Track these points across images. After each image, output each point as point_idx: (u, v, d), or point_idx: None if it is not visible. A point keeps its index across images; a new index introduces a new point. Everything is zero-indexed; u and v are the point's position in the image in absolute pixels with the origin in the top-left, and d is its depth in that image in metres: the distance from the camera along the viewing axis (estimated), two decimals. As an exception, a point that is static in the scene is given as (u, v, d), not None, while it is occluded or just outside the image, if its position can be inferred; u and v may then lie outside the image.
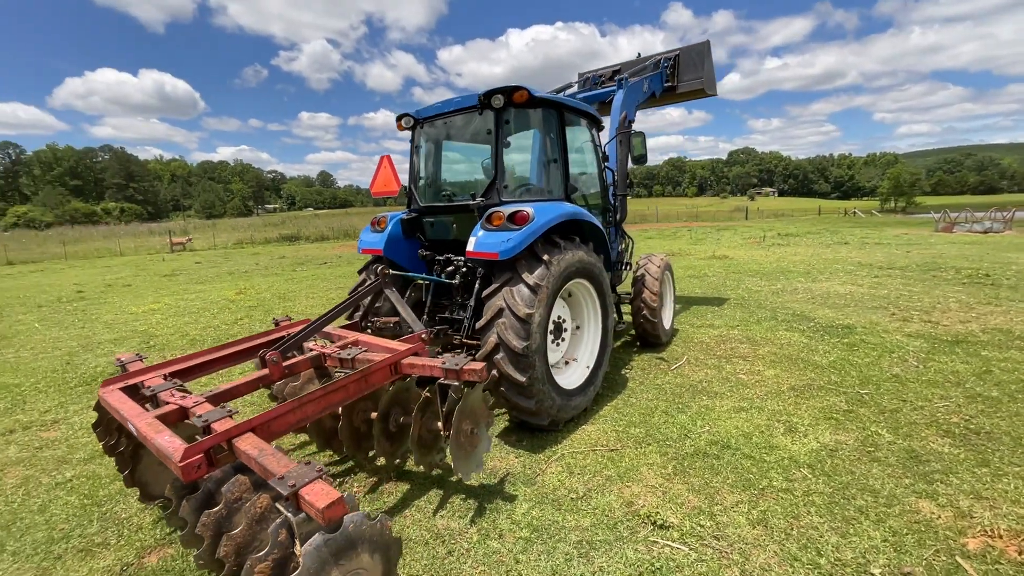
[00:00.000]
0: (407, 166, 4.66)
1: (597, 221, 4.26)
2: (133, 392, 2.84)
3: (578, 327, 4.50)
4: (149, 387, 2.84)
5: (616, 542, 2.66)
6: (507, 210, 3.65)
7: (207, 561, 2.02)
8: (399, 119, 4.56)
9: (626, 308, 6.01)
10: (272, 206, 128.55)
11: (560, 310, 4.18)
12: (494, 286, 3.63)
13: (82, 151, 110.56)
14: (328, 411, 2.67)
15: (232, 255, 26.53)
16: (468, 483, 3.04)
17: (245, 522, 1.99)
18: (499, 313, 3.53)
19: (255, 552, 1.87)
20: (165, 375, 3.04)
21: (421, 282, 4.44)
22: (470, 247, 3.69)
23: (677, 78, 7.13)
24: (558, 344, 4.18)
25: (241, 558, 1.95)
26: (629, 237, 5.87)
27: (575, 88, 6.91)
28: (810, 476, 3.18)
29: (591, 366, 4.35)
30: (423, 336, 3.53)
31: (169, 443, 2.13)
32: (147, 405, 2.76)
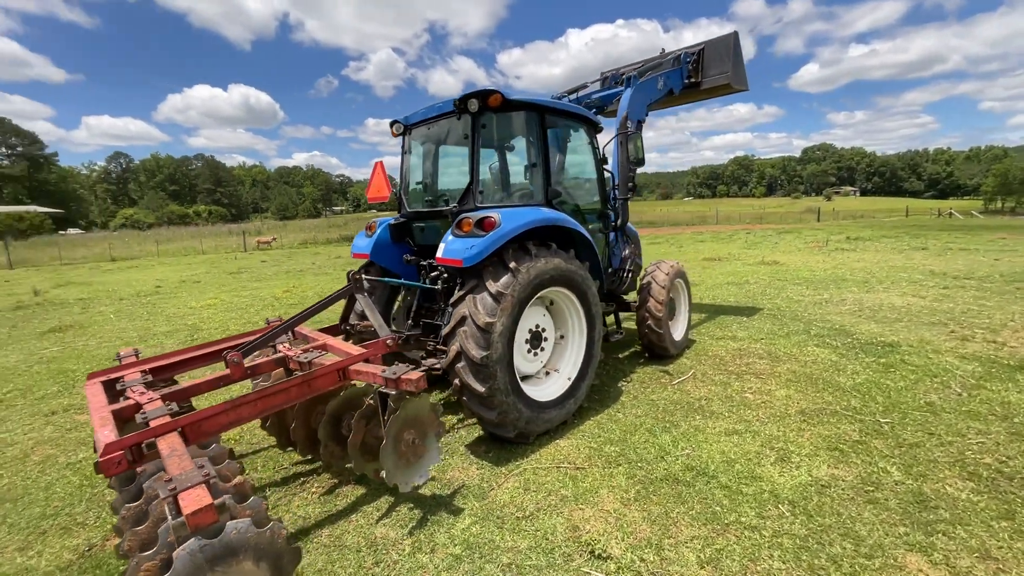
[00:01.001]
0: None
1: (579, 226, 4.09)
2: (111, 385, 3.08)
3: (562, 337, 4.34)
4: (124, 382, 3.06)
5: (546, 569, 2.52)
6: (476, 216, 3.59)
7: (124, 553, 2.14)
8: (392, 125, 4.63)
9: (630, 316, 5.74)
10: (339, 208, 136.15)
11: (538, 319, 4.05)
12: (459, 293, 3.59)
13: (179, 159, 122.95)
14: (266, 413, 2.74)
15: (295, 254, 28.35)
16: (405, 492, 2.99)
17: (150, 520, 2.08)
18: (461, 321, 3.48)
19: (148, 550, 1.95)
20: (143, 371, 3.27)
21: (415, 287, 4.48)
22: (439, 253, 3.67)
23: (701, 73, 6.71)
24: (535, 354, 4.06)
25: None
26: (634, 242, 5.58)
27: (589, 88, 6.68)
28: (787, 514, 2.85)
29: (572, 378, 4.18)
30: (388, 342, 3.56)
31: (103, 437, 2.28)
32: (120, 399, 2.98)
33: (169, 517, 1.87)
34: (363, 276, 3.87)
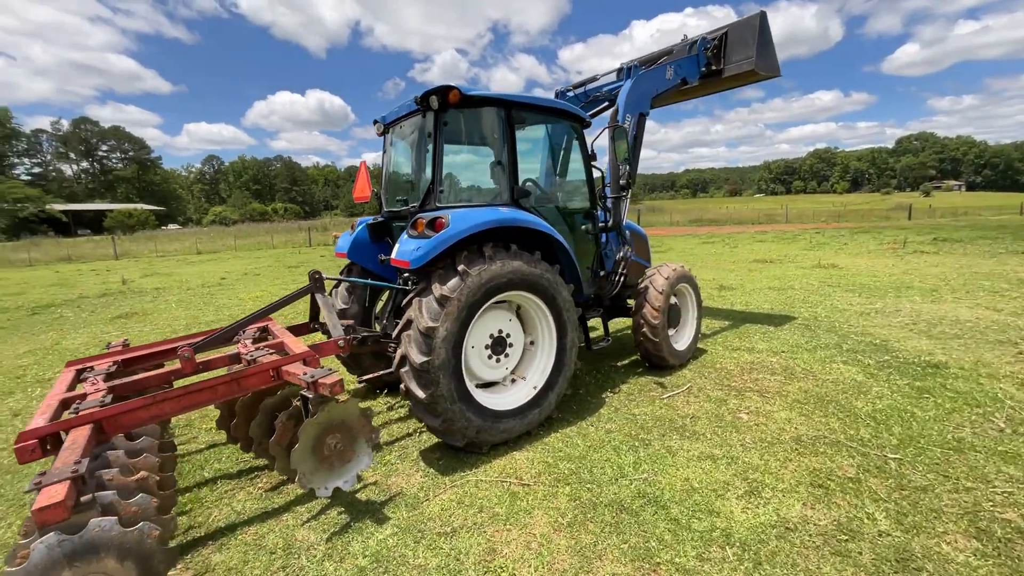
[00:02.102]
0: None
1: (547, 227, 3.86)
2: (81, 373, 3.32)
3: (532, 343, 4.14)
4: (91, 372, 3.28)
5: (444, 592, 2.38)
6: (429, 216, 3.50)
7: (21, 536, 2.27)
8: (375, 123, 4.63)
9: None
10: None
11: (502, 323, 3.88)
12: (409, 296, 3.51)
13: (262, 161, 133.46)
14: (192, 409, 2.81)
15: (350, 250, 29.74)
16: (324, 496, 2.96)
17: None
18: (407, 324, 3.40)
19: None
20: (116, 362, 3.49)
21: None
22: (392, 254, 3.61)
23: (724, 59, 6.15)
24: (498, 360, 3.89)
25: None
26: (628, 243, 5.22)
27: (601, 80, 6.32)
28: (732, 558, 2.50)
29: (539, 387, 3.97)
30: (339, 343, 3.55)
31: (31, 424, 2.44)
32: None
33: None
34: (323, 275, 3.90)
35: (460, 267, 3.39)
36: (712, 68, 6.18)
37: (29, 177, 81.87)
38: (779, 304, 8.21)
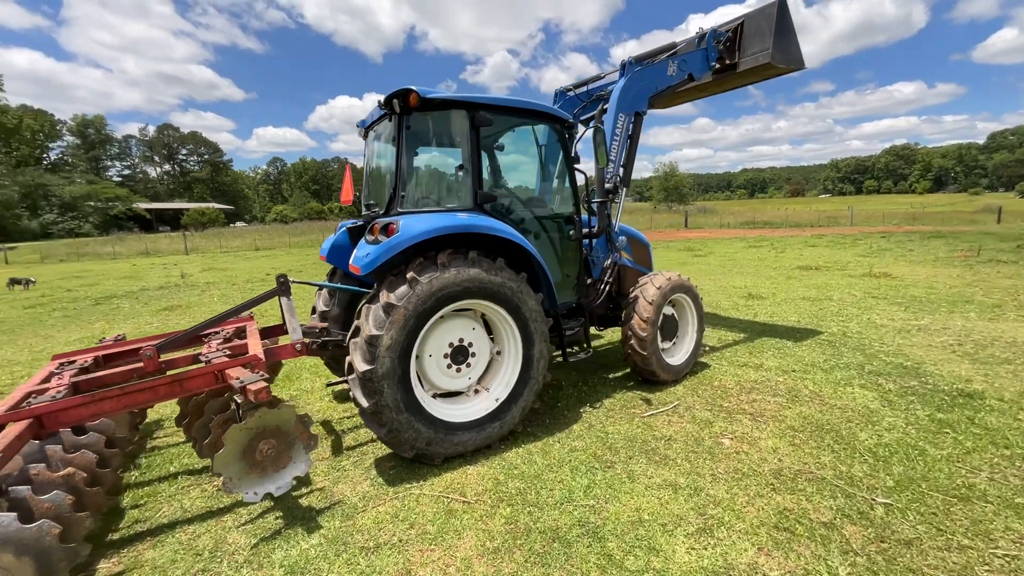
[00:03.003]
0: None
1: (512, 234, 3.70)
2: (64, 366, 3.54)
3: (499, 353, 4.00)
4: (70, 366, 3.49)
5: (342, 613, 2.31)
6: (383, 222, 3.45)
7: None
8: (359, 127, 4.66)
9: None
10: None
11: (464, 332, 3.76)
12: (362, 303, 3.47)
13: (320, 162, 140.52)
14: (133, 408, 2.91)
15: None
16: (252, 502, 2.96)
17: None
18: (355, 332, 3.37)
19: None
20: (96, 356, 3.70)
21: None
22: (350, 259, 3.59)
23: (739, 52, 5.70)
24: (459, 370, 3.78)
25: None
26: (618, 249, 4.94)
27: (605, 79, 6.04)
28: (656, 605, 2.26)
29: (501, 399, 3.83)
30: (296, 347, 3.58)
31: (-17, 417, 2.60)
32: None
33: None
34: (290, 279, 3.94)
35: (409, 275, 3.31)
36: (726, 62, 5.75)
37: (119, 179, 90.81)
38: (808, 317, 7.54)
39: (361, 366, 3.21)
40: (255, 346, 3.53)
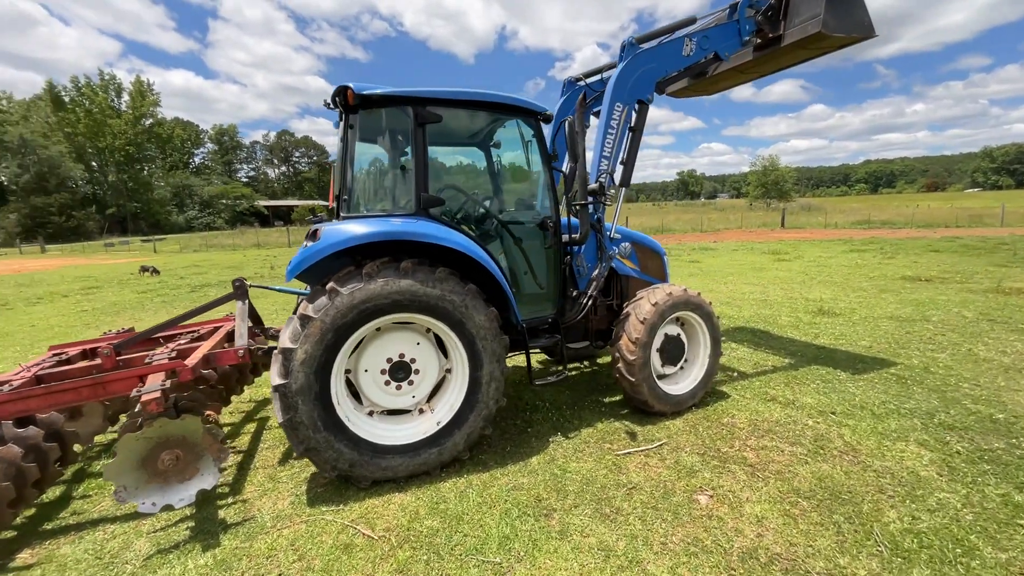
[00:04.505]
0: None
1: (457, 242, 3.33)
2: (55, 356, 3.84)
3: (449, 371, 3.65)
4: (54, 358, 3.78)
5: (176, 653, 2.15)
6: (314, 228, 3.28)
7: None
8: (335, 126, 4.56)
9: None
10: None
11: (406, 346, 3.47)
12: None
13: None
14: (58, 407, 3.02)
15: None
16: (148, 512, 2.92)
17: None
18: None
19: None
20: (85, 350, 3.99)
21: None
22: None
23: (785, 23, 4.73)
24: (400, 387, 3.50)
25: None
26: (610, 257, 4.30)
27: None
28: None
29: (443, 423, 3.49)
30: (239, 353, 3.55)
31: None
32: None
33: None
34: (247, 283, 3.93)
35: (329, 286, 3.10)
36: (769, 36, 4.81)
37: (246, 179, 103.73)
38: (886, 342, 6.16)
39: (275, 379, 3.06)
40: (202, 350, 3.55)
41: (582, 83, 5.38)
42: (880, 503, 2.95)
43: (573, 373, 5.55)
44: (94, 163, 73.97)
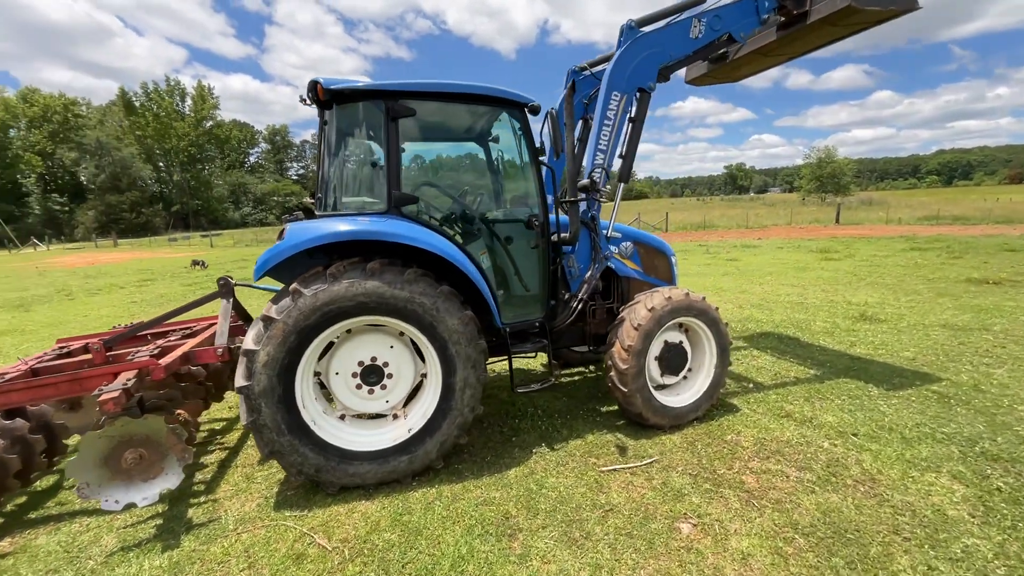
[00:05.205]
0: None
1: (427, 242, 3.17)
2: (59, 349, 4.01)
3: (425, 376, 3.51)
4: (56, 351, 3.94)
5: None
6: (283, 227, 3.21)
7: None
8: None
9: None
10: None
11: (379, 350, 3.35)
12: (265, 313, 3.27)
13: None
14: (39, 401, 3.11)
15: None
16: (112, 510, 2.93)
17: None
18: (248, 344, 3.18)
19: None
20: (87, 344, 4.13)
21: None
22: None
23: (811, -1, 4.25)
24: (372, 391, 3.39)
25: None
26: (605, 258, 4.00)
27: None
28: None
29: (415, 430, 3.35)
30: (217, 351, 3.55)
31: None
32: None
33: None
34: (232, 281, 3.94)
35: (292, 287, 3.02)
36: (793, 13, 4.34)
37: (296, 177, 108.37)
38: (933, 354, 5.50)
39: (238, 381, 3.01)
40: (182, 348, 3.58)
41: (587, 72, 5.08)
42: (892, 546, 2.55)
43: (576, 379, 5.29)
44: (160, 163, 79.61)
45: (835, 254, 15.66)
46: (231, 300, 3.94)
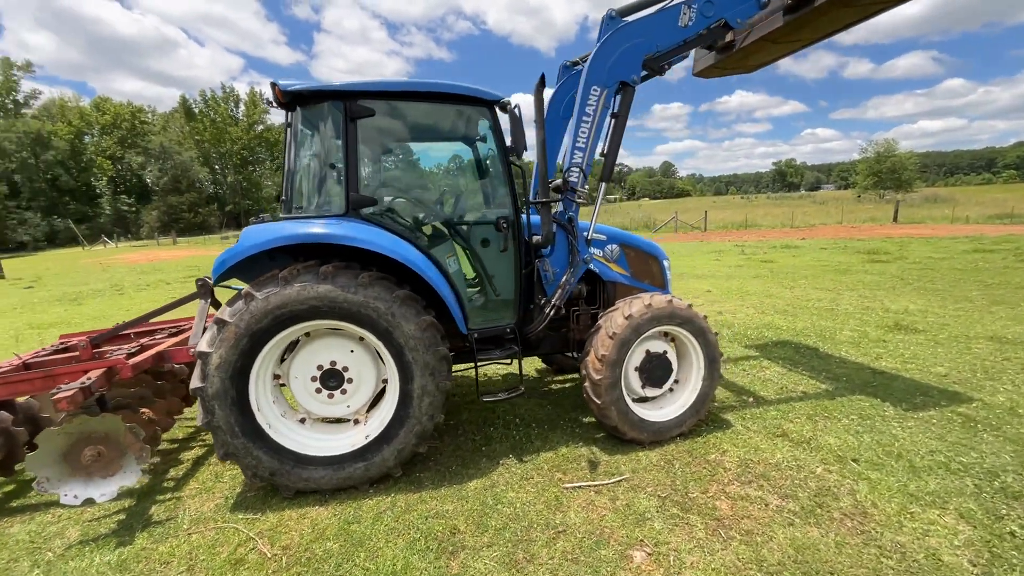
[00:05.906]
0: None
1: (378, 245, 3.09)
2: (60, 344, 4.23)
3: (386, 382, 3.44)
4: (55, 346, 4.15)
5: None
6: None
7: None
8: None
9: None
10: (612, 197, 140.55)
11: (339, 354, 3.30)
12: (225, 315, 3.30)
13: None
14: (14, 396, 3.25)
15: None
16: (70, 504, 2.99)
17: None
18: (207, 346, 3.21)
19: None
20: (82, 340, 4.34)
21: None
22: None
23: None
24: (331, 396, 3.35)
25: None
26: (575, 265, 3.79)
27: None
28: None
29: (372, 436, 3.29)
30: (191, 351, 3.62)
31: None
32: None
33: None
34: (211, 282, 4.01)
35: (245, 290, 3.01)
36: (796, -4, 3.96)
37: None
38: (969, 370, 4.92)
39: (193, 382, 3.04)
40: (158, 348, 3.68)
41: (579, 68, 4.86)
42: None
43: (567, 386, 5.09)
44: (216, 166, 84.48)
45: (884, 255, 14.52)
46: (208, 301, 4.02)
